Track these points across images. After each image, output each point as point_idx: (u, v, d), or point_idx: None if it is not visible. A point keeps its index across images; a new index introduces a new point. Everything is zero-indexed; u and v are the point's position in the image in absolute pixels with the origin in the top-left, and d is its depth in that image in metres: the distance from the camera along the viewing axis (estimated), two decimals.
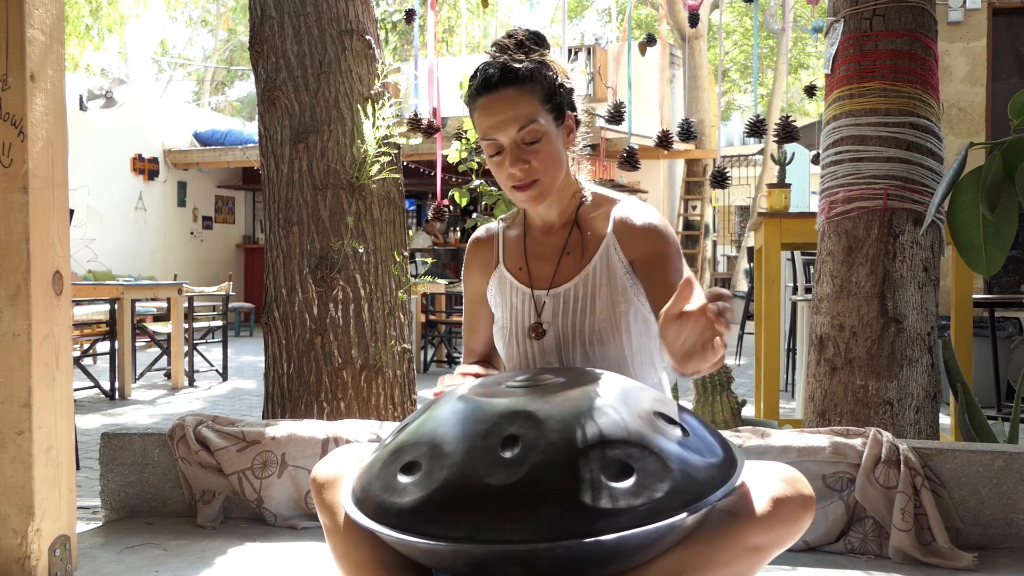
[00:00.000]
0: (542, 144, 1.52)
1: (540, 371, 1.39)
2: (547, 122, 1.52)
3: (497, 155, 1.53)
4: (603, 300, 1.57)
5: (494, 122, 1.51)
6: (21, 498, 1.87)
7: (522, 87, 1.50)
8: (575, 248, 1.62)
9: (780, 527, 1.24)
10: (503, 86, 1.50)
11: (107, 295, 6.05)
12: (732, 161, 15.75)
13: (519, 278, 1.66)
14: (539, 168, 1.52)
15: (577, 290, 1.59)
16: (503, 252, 1.70)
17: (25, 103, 1.85)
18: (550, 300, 1.61)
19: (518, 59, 1.52)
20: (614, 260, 1.59)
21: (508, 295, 1.66)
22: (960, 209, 2.35)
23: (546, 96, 1.52)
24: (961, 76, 6.37)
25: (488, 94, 1.51)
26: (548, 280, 1.62)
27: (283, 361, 3.08)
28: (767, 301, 4.04)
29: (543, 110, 1.52)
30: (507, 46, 1.54)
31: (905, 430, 2.48)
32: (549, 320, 1.60)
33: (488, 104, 1.51)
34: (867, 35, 2.57)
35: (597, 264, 1.59)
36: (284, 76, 3.09)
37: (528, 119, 1.50)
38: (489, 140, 1.52)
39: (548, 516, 1.07)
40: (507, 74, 1.50)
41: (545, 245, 1.65)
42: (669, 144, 4.60)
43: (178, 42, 25.79)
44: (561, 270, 1.62)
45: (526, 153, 1.51)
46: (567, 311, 1.59)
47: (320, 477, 1.40)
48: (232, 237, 13.32)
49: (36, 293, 1.87)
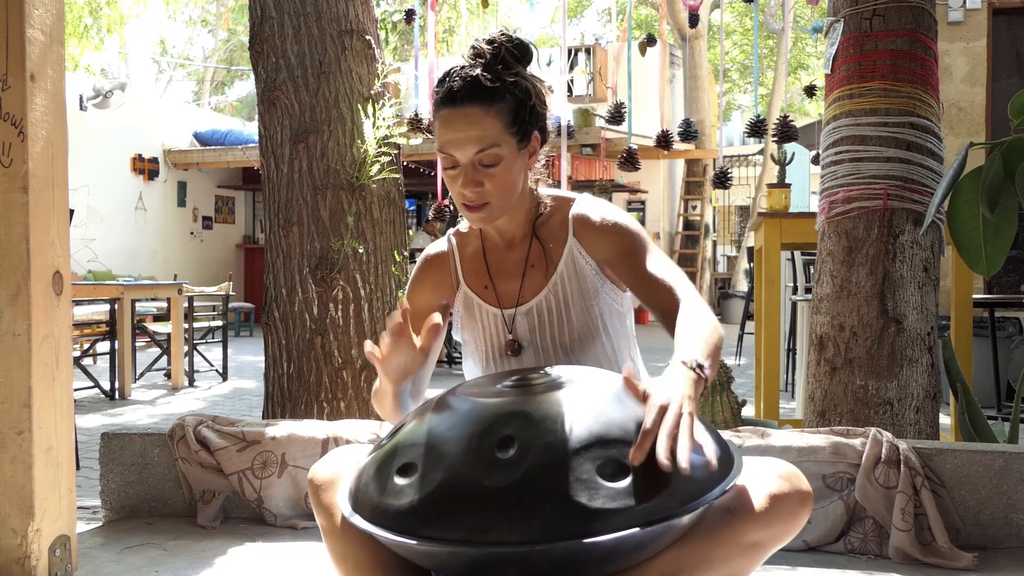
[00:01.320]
0: (499, 169, 1.45)
1: (535, 371, 1.39)
2: (508, 146, 1.45)
3: (452, 169, 1.47)
4: (577, 307, 1.55)
5: (453, 138, 1.44)
6: (21, 498, 1.87)
7: (489, 106, 1.43)
8: (538, 260, 1.57)
9: (778, 523, 1.24)
10: (468, 102, 1.42)
11: (107, 295, 6.05)
12: (732, 161, 15.74)
13: (486, 298, 1.60)
14: (492, 192, 1.46)
15: (548, 302, 1.56)
16: (462, 271, 1.64)
17: (25, 103, 1.85)
18: (521, 318, 1.57)
19: (490, 74, 1.43)
20: (581, 264, 1.56)
21: (478, 317, 1.61)
22: (960, 209, 2.35)
23: (512, 118, 1.45)
24: (961, 76, 6.37)
25: (452, 107, 1.43)
26: (515, 297, 1.58)
27: (283, 361, 3.08)
28: (767, 301, 4.04)
29: (506, 133, 1.44)
30: (483, 54, 1.46)
31: (905, 430, 2.48)
32: (526, 337, 1.57)
33: (451, 118, 1.44)
34: (867, 35, 2.57)
35: (563, 271, 1.56)
36: (284, 76, 3.09)
37: (488, 143, 1.43)
38: (446, 154, 1.46)
39: (545, 517, 1.07)
40: (474, 90, 1.42)
41: (507, 261, 1.60)
42: (669, 144, 4.60)
43: (178, 42, 25.80)
44: (527, 285, 1.57)
45: (481, 175, 1.44)
46: (542, 325, 1.56)
47: (317, 479, 1.39)
48: (232, 237, 13.32)
49: (36, 293, 1.87)
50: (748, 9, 16.02)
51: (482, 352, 1.61)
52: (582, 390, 1.23)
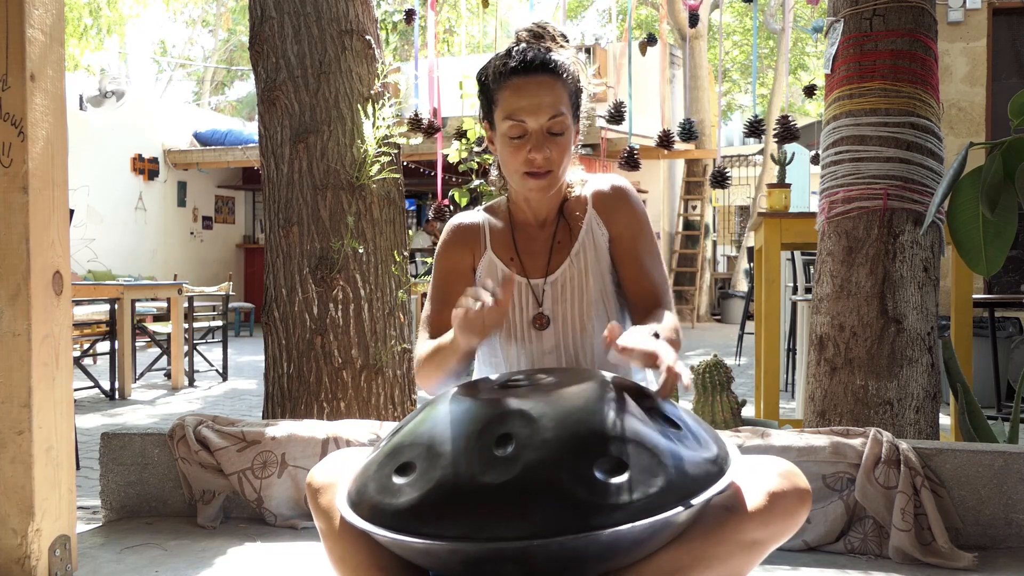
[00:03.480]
0: (564, 138, 1.53)
1: (533, 371, 1.40)
2: (569, 118, 1.54)
3: (519, 138, 1.52)
4: (594, 275, 1.60)
5: (527, 104, 1.50)
6: (21, 498, 1.87)
7: (557, 77, 1.51)
8: (564, 236, 1.63)
9: (777, 521, 1.24)
10: (543, 72, 1.50)
11: (107, 295, 6.05)
12: (732, 161, 15.74)
13: (512, 268, 1.65)
14: (556, 160, 1.53)
15: (572, 269, 1.61)
16: (490, 240, 1.68)
17: (25, 103, 1.85)
18: (549, 288, 1.61)
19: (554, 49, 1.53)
20: (597, 235, 1.62)
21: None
22: (960, 209, 2.35)
23: (571, 92, 1.54)
24: (961, 76, 6.37)
25: (526, 75, 1.50)
26: (543, 270, 1.62)
27: (283, 361, 3.08)
28: (767, 301, 4.04)
29: (569, 105, 1.53)
30: (542, 35, 1.55)
31: (905, 430, 2.48)
32: (550, 308, 1.61)
33: (524, 85, 1.50)
34: (867, 35, 2.57)
35: (584, 240, 1.61)
36: (284, 76, 3.09)
37: (559, 109, 1.51)
38: (516, 121, 1.51)
39: (543, 513, 1.07)
40: (547, 62, 1.51)
41: (536, 240, 1.65)
42: (670, 144, 4.60)
43: (178, 42, 25.80)
44: (554, 259, 1.63)
45: (550, 142, 1.51)
46: (564, 296, 1.60)
47: (316, 482, 1.40)
48: (232, 237, 13.32)
49: (36, 293, 1.87)
50: (748, 9, 16.03)
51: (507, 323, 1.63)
52: (580, 388, 1.24)
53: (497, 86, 1.53)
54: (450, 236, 1.71)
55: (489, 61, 1.58)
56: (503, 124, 1.52)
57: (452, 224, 1.72)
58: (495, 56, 1.57)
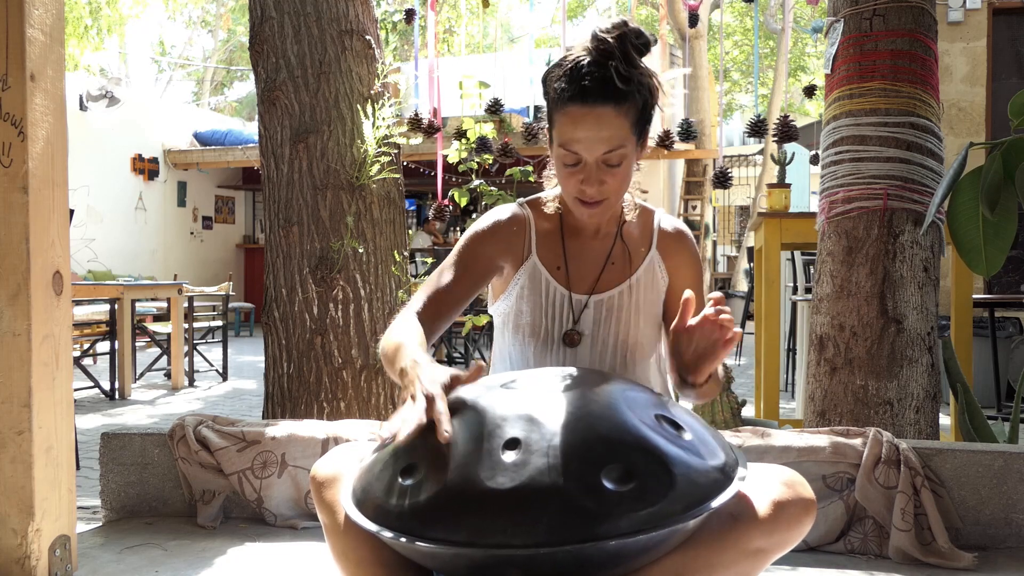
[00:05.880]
0: (622, 168, 1.44)
1: (542, 373, 1.38)
2: (631, 145, 1.44)
3: (574, 166, 1.45)
4: (646, 314, 1.56)
5: (583, 137, 1.41)
6: (21, 498, 1.87)
7: (619, 106, 1.40)
8: (619, 257, 1.58)
9: (781, 530, 1.24)
10: (601, 102, 1.39)
11: (107, 295, 6.05)
12: (732, 161, 15.74)
13: (556, 278, 1.59)
14: (612, 189, 1.46)
15: (623, 298, 1.56)
16: (536, 244, 1.60)
17: (25, 103, 1.85)
18: (592, 306, 1.56)
19: (624, 72, 1.39)
20: (658, 277, 1.58)
21: (544, 293, 1.59)
22: (960, 209, 2.35)
23: (637, 118, 1.43)
24: (961, 76, 6.37)
25: (583, 105, 1.39)
26: (590, 285, 1.57)
27: (283, 361, 3.08)
28: (767, 301, 4.04)
29: (631, 133, 1.43)
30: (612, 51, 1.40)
31: (905, 430, 2.48)
32: (588, 327, 1.56)
33: (581, 116, 1.40)
34: (867, 35, 2.57)
35: (642, 276, 1.57)
36: (284, 76, 3.09)
37: (617, 143, 1.41)
38: (570, 152, 1.44)
39: (549, 520, 1.07)
40: (608, 90, 1.39)
41: (589, 250, 1.59)
42: (670, 144, 4.60)
43: (178, 42, 25.80)
44: (605, 277, 1.57)
45: (605, 174, 1.44)
46: (609, 319, 1.55)
47: (320, 475, 1.39)
48: (232, 237, 13.32)
49: (36, 293, 1.87)
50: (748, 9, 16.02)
51: (539, 334, 1.58)
52: (589, 393, 1.23)
53: (555, 107, 1.44)
54: (490, 229, 1.60)
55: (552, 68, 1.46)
56: (558, 149, 1.45)
57: (496, 218, 1.61)
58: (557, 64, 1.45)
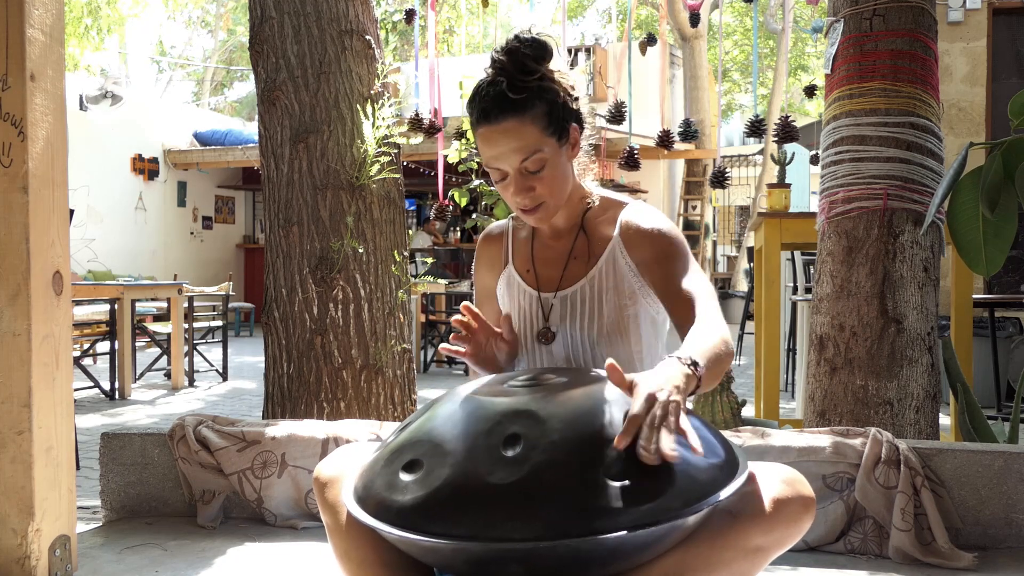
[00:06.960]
0: (546, 171, 1.50)
1: (543, 370, 1.39)
2: (550, 147, 1.49)
3: (501, 181, 1.52)
4: (610, 303, 1.57)
5: (496, 153, 1.49)
6: (21, 498, 1.87)
7: (523, 116, 1.46)
8: (581, 252, 1.62)
9: (781, 528, 1.24)
10: (503, 117, 1.46)
11: (107, 295, 6.05)
12: (732, 161, 15.75)
13: (527, 280, 1.66)
14: (543, 193, 1.51)
15: (584, 292, 1.59)
16: (512, 252, 1.70)
17: (25, 103, 1.86)
18: (557, 303, 1.61)
19: (517, 83, 1.46)
20: (620, 263, 1.58)
21: (516, 296, 1.67)
22: (960, 209, 2.35)
23: (547, 120, 1.48)
24: (961, 76, 6.37)
25: (488, 124, 1.47)
26: (555, 283, 1.62)
27: (283, 361, 3.08)
28: (767, 301, 4.04)
29: (545, 135, 1.48)
30: (504, 67, 1.47)
31: (905, 430, 2.48)
32: (557, 323, 1.60)
33: (489, 135, 1.48)
34: (867, 35, 2.57)
35: (603, 267, 1.59)
36: (284, 76, 3.09)
37: (531, 150, 1.47)
38: (493, 168, 1.52)
39: (549, 515, 1.07)
40: (505, 104, 1.45)
41: (552, 249, 1.65)
42: (670, 144, 4.60)
43: (178, 42, 25.81)
44: (568, 274, 1.62)
45: (530, 180, 1.50)
46: (574, 314, 1.59)
47: (323, 476, 1.40)
48: (232, 237, 13.32)
49: (36, 293, 1.87)
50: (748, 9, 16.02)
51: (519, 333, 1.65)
52: (589, 390, 1.24)
53: (474, 133, 1.53)
54: (478, 252, 1.76)
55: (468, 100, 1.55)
56: (488, 169, 1.54)
57: (481, 237, 1.76)
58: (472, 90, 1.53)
